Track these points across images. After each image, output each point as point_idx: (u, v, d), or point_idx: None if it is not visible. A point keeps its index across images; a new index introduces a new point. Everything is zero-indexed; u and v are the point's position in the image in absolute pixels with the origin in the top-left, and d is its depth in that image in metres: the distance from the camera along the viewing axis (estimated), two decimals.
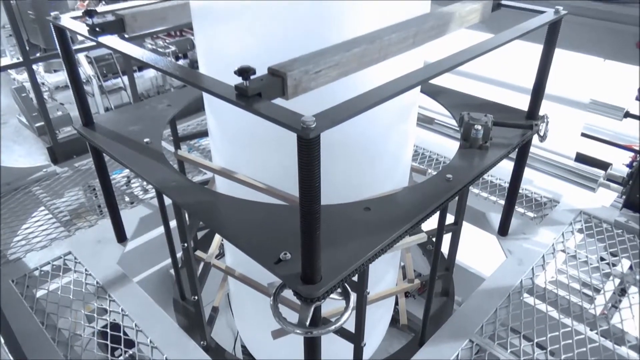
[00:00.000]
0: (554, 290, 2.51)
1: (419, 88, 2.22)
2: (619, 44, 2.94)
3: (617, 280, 2.62)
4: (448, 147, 3.72)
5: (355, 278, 1.66)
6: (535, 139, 2.39)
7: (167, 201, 2.05)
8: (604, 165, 3.31)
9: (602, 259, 2.76)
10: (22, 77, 9.28)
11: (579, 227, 2.94)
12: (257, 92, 1.26)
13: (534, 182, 3.34)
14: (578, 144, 3.45)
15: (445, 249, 2.50)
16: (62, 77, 9.18)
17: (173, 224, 2.23)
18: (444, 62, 1.59)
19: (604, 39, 3.01)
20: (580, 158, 3.36)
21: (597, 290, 2.59)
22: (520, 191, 2.79)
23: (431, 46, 1.87)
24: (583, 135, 3.41)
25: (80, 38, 1.92)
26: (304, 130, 1.09)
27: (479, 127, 2.07)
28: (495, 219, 2.95)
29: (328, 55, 1.44)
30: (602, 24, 2.98)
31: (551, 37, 2.18)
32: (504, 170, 2.86)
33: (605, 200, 3.18)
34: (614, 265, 2.69)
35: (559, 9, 2.12)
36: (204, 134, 2.90)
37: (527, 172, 2.80)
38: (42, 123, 8.29)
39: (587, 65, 3.34)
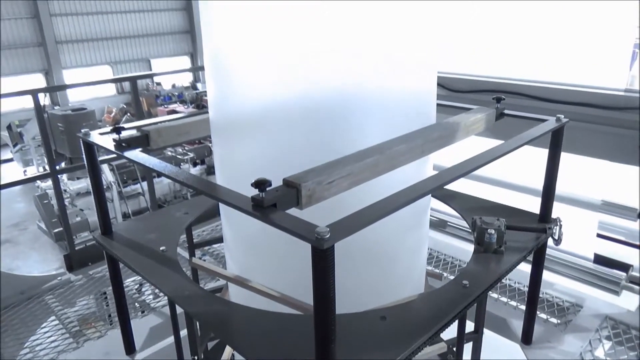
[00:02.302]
0: None
1: None
2: (623, 147, 3.02)
3: None
4: (462, 249, 3.68)
5: None
6: (550, 242, 2.37)
7: (179, 309, 2.02)
8: (624, 267, 3.23)
9: None
10: (46, 184, 9.68)
11: (606, 334, 2.79)
12: (272, 202, 1.30)
13: (554, 285, 3.25)
14: (595, 244, 3.40)
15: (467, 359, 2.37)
16: (83, 184, 9.56)
17: (184, 332, 2.18)
18: (453, 170, 1.65)
19: (608, 143, 3.10)
20: (600, 260, 3.29)
21: None
22: (540, 295, 2.71)
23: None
24: (599, 236, 3.37)
25: None
26: (318, 241, 1.11)
27: (492, 232, 2.07)
28: (518, 325, 2.82)
29: (340, 166, 1.51)
30: (604, 128, 3.09)
31: (555, 143, 2.26)
32: (522, 273, 2.79)
33: (630, 303, 3.05)
34: None
35: (560, 117, 2.21)
36: (218, 240, 2.92)
37: (546, 275, 2.74)
38: (61, 229, 8.50)
39: (594, 167, 3.40)
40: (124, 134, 2.02)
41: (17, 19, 19.25)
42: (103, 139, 2.05)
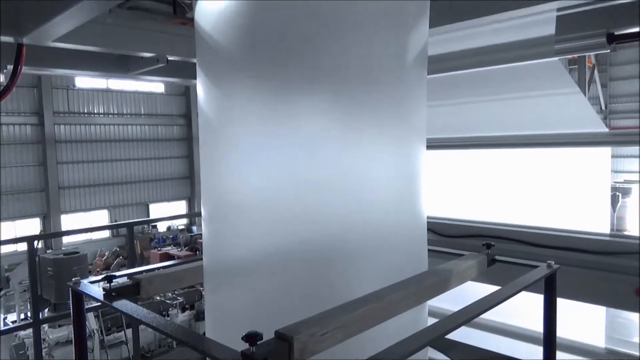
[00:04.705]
0: None
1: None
2: (617, 292, 2.99)
3: None
4: None
5: None
6: None
7: None
8: None
9: None
10: (25, 332, 9.19)
11: None
12: (263, 357, 1.25)
13: None
14: None
15: None
16: (64, 332, 9.09)
17: None
18: (450, 320, 1.62)
19: (602, 288, 3.08)
20: None
21: None
22: None
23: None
24: None
25: None
26: None
27: None
28: None
29: (334, 316, 1.48)
30: (598, 273, 3.09)
31: (550, 290, 2.24)
32: None
33: None
34: None
35: (551, 264, 2.23)
36: None
37: None
38: None
39: (589, 312, 3.33)
40: (115, 284, 2.00)
41: (25, 166, 20.13)
42: (93, 288, 2.02)
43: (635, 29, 2.71)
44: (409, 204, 2.01)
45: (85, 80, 21.33)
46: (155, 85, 23.48)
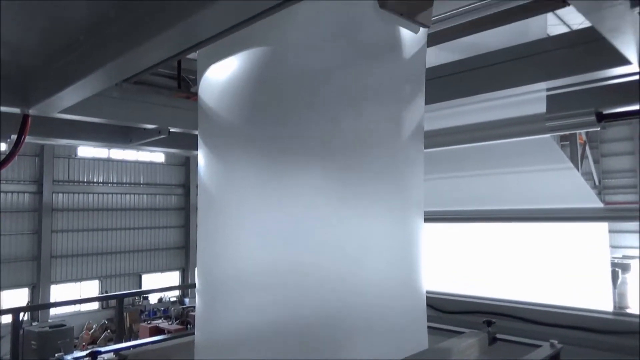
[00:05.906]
0: None
1: None
2: None
3: None
4: None
5: None
6: None
7: None
8: None
9: None
10: None
11: None
12: None
13: None
14: None
15: None
16: None
17: None
18: None
19: None
20: None
21: None
22: None
23: None
24: None
25: None
26: None
27: None
28: None
29: None
30: (601, 353, 2.97)
31: None
32: None
33: None
34: None
35: (554, 343, 2.17)
36: None
37: None
38: None
39: None
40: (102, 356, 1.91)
41: (18, 235, 19.87)
42: None
43: (623, 109, 2.82)
44: (408, 279, 1.97)
45: (87, 150, 21.64)
46: (155, 155, 23.79)
